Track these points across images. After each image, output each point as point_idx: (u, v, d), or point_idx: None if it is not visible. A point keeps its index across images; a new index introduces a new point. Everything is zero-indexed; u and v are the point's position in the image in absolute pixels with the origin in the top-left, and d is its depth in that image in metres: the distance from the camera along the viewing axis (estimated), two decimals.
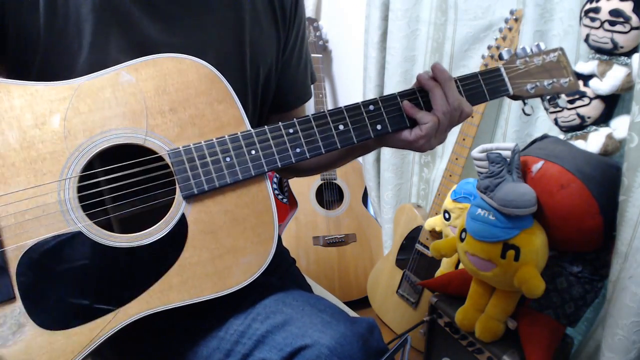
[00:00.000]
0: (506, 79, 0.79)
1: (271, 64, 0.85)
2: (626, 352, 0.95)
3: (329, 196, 1.87)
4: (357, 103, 0.74)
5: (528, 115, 0.83)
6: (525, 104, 0.82)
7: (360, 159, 1.91)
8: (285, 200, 1.99)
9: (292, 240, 1.78)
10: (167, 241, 0.66)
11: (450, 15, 1.45)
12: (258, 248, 0.69)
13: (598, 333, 1.08)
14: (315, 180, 1.86)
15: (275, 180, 2.03)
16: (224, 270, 0.68)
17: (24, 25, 0.66)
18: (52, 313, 0.61)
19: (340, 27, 1.99)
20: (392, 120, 0.74)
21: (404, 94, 0.75)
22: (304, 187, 1.84)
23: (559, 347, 1.06)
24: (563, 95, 0.83)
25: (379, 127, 0.74)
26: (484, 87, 0.77)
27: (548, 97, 0.84)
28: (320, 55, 1.92)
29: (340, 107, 0.73)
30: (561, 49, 0.83)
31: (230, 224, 0.68)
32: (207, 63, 0.69)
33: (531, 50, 0.81)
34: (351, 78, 1.99)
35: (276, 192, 2.02)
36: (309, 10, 2.00)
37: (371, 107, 0.74)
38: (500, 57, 0.81)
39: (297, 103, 0.94)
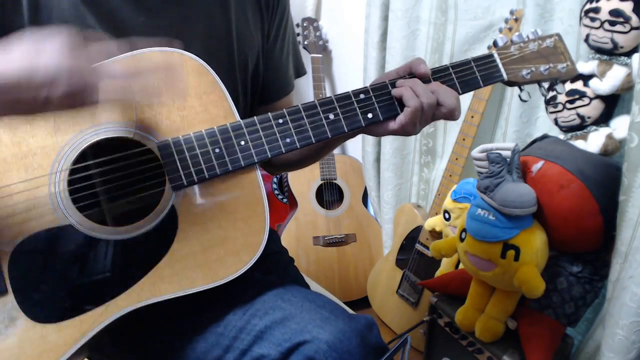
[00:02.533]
0: (500, 65, 0.78)
1: (258, 53, 0.85)
2: (626, 352, 0.95)
3: (329, 196, 1.87)
4: (347, 92, 0.73)
5: (524, 101, 0.82)
6: (521, 90, 0.82)
7: (360, 159, 1.91)
8: (285, 200, 1.99)
9: (292, 240, 1.78)
10: (157, 233, 0.66)
11: (450, 15, 1.45)
12: (249, 239, 0.69)
13: (598, 333, 1.08)
14: (315, 180, 1.86)
15: (275, 180, 2.03)
16: (215, 262, 0.68)
17: (10, 25, 0.66)
18: (43, 306, 0.62)
19: (340, 27, 1.99)
20: (383, 108, 0.73)
21: (394, 82, 0.75)
22: (304, 187, 1.84)
23: (559, 347, 1.06)
24: (561, 83, 0.82)
25: (370, 115, 0.73)
26: (477, 73, 0.77)
27: (546, 85, 0.83)
28: (320, 55, 1.92)
29: (330, 97, 0.72)
30: (558, 35, 0.81)
31: (220, 215, 0.68)
32: (195, 56, 0.69)
33: (527, 36, 0.81)
34: (351, 78, 1.99)
35: (276, 192, 2.02)
36: (308, 10, 2.00)
37: (362, 96, 0.73)
38: (495, 44, 0.81)
39: (280, 94, 0.93)
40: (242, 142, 0.69)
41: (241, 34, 0.81)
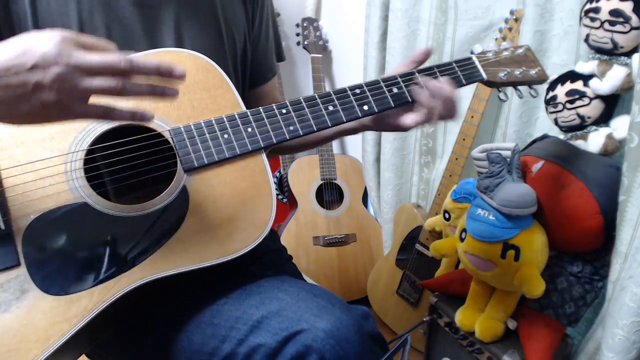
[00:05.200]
0: (479, 66, 0.86)
1: (245, 34, 0.90)
2: (626, 352, 0.95)
3: (329, 196, 1.87)
4: (344, 87, 0.79)
5: (503, 101, 0.90)
6: (500, 91, 0.90)
7: (360, 159, 1.91)
8: (285, 200, 1.99)
9: (292, 240, 1.78)
10: (169, 211, 0.70)
11: (450, 15, 1.45)
12: (258, 217, 0.73)
13: (598, 333, 1.08)
14: (315, 180, 1.86)
15: (275, 180, 2.03)
16: (225, 238, 0.71)
17: (14, 12, 0.69)
18: (55, 279, 0.63)
19: (340, 27, 1.99)
20: (377, 101, 0.80)
21: (385, 79, 0.81)
22: (304, 187, 1.84)
23: (559, 347, 1.06)
24: (536, 87, 0.91)
25: (365, 107, 0.79)
26: (459, 72, 0.84)
27: (521, 89, 0.90)
28: (320, 55, 1.92)
29: (329, 91, 0.78)
30: (528, 46, 0.91)
31: (230, 195, 0.73)
32: (203, 55, 0.76)
33: (499, 46, 0.91)
34: (351, 78, 1.99)
35: (276, 192, 2.02)
36: (308, 10, 2.00)
37: (357, 91, 0.79)
38: (472, 52, 0.89)
39: (269, 76, 0.99)
40: (249, 129, 0.74)
41: (227, 11, 0.85)
